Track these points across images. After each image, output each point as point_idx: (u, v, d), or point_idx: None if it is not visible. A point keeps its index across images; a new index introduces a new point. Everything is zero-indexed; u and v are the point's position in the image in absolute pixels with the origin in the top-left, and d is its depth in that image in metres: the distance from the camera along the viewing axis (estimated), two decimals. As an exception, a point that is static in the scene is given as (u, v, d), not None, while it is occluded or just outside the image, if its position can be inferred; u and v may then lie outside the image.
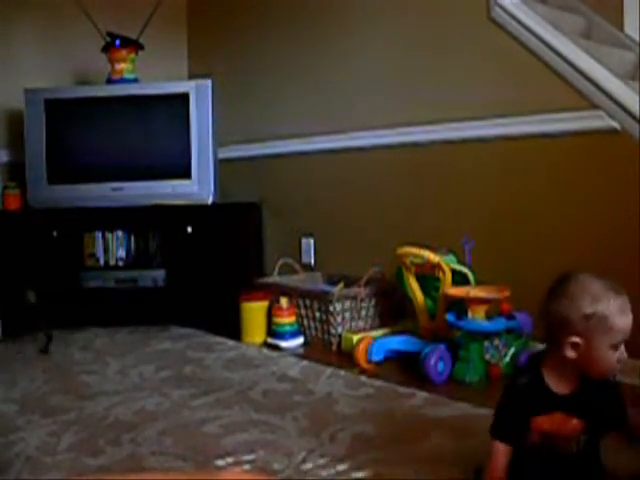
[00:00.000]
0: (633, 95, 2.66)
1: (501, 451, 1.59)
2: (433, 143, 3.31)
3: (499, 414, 1.61)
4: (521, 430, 1.57)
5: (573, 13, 3.38)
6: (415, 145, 3.39)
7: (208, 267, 3.84)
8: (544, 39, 2.86)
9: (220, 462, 1.91)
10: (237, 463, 1.90)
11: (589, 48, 2.84)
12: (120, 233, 3.91)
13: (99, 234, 3.90)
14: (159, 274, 3.83)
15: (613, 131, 2.70)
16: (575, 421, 1.53)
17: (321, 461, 1.90)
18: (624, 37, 3.39)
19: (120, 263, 3.91)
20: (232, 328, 3.46)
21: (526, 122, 2.94)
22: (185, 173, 3.87)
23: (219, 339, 3.43)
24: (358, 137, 3.66)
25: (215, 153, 3.92)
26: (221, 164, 4.07)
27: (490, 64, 3.09)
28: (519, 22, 2.94)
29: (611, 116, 2.70)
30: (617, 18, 3.43)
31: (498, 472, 1.58)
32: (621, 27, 3.43)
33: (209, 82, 3.86)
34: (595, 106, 2.74)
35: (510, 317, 2.72)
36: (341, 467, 1.86)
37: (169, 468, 1.88)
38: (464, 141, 3.18)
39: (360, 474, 1.82)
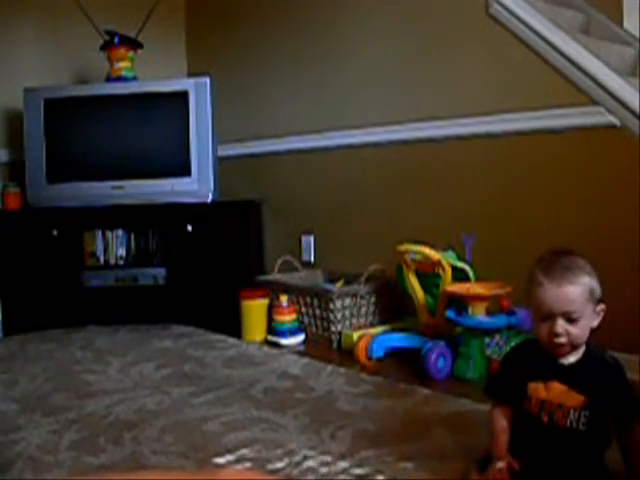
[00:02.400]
0: (632, 91, 2.66)
1: (499, 416, 1.64)
2: (433, 140, 3.31)
3: (494, 373, 1.66)
4: (515, 390, 1.61)
5: (572, 9, 3.37)
6: (416, 142, 3.39)
7: (208, 265, 3.84)
8: (543, 35, 2.85)
9: (221, 460, 1.91)
10: (238, 461, 1.90)
11: (588, 44, 2.84)
12: (120, 232, 3.91)
13: (99, 233, 3.90)
14: (159, 272, 3.83)
15: (612, 127, 2.70)
16: (574, 393, 1.55)
17: (322, 459, 1.90)
18: (623, 33, 3.38)
19: (120, 262, 3.91)
20: (232, 326, 3.47)
21: (526, 118, 2.94)
22: (185, 171, 3.86)
23: (219, 337, 3.43)
24: (358, 134, 3.65)
25: (215, 151, 3.92)
26: (221, 162, 4.07)
27: (489, 60, 3.08)
28: (518, 18, 2.94)
29: (610, 112, 2.69)
30: (616, 14, 3.42)
31: (501, 440, 1.62)
32: (620, 23, 3.42)
33: (208, 80, 3.86)
34: (594, 102, 2.74)
35: (510, 313, 2.72)
36: (342, 464, 1.86)
37: (170, 466, 1.88)
38: (464, 137, 3.18)
39: (361, 471, 1.82)
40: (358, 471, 1.82)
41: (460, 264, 2.90)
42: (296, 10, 3.99)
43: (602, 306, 1.56)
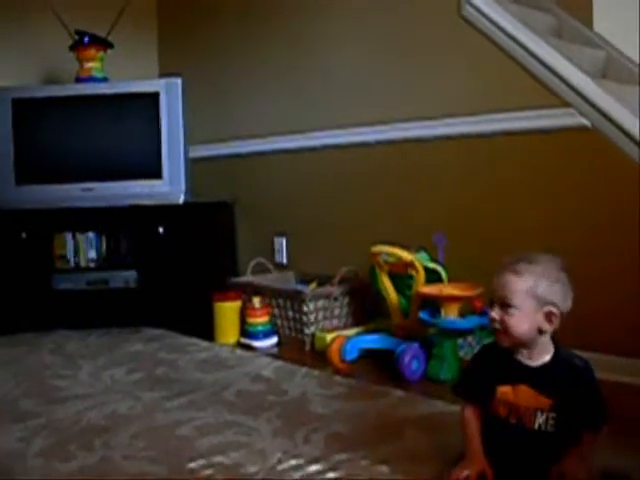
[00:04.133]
0: (604, 93, 2.68)
1: (471, 417, 1.66)
2: (405, 141, 3.31)
3: (463, 372, 1.69)
4: (483, 391, 1.62)
5: (543, 12, 3.39)
6: (387, 143, 3.39)
7: (180, 267, 3.81)
8: (515, 37, 2.86)
9: (193, 465, 1.88)
10: (210, 466, 1.88)
11: (560, 47, 2.85)
12: (91, 234, 3.86)
13: (69, 235, 3.84)
14: (130, 275, 3.78)
15: (584, 129, 2.72)
16: (542, 396, 1.56)
17: (295, 462, 1.88)
18: (594, 36, 3.41)
19: (91, 264, 3.86)
20: (205, 329, 3.44)
21: (498, 120, 2.95)
22: (156, 173, 3.83)
23: (192, 340, 3.40)
24: (330, 136, 3.65)
25: (186, 152, 3.89)
26: (193, 163, 4.05)
27: (461, 62, 3.09)
28: (490, 20, 2.95)
29: (582, 114, 2.71)
30: (587, 17, 3.44)
31: (475, 444, 1.64)
32: (591, 26, 3.44)
33: (179, 81, 3.83)
34: (566, 104, 2.75)
35: (483, 314, 2.71)
36: (315, 468, 1.84)
37: (142, 473, 1.85)
38: (436, 138, 3.19)
39: (334, 475, 1.80)
40: (332, 475, 1.80)
41: (433, 265, 2.90)
42: (269, 13, 3.98)
43: (553, 311, 1.54)
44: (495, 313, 1.57)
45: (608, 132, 2.65)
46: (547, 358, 1.60)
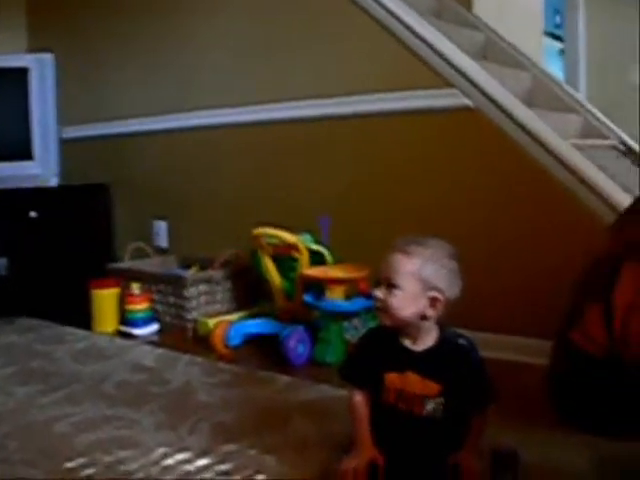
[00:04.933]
0: (485, 74, 2.72)
1: (360, 403, 1.63)
2: (286, 121, 3.27)
3: (348, 356, 1.74)
4: (370, 377, 1.60)
5: (422, -8, 3.41)
6: (269, 123, 3.34)
7: (55, 253, 3.64)
8: (399, 17, 2.86)
9: (72, 464, 1.78)
10: (90, 464, 1.78)
11: (441, 27, 2.87)
12: (-45, 219, 3.64)
13: None
14: (0, 263, 3.58)
15: (466, 109, 2.75)
16: (429, 382, 1.55)
17: (181, 456, 1.82)
18: (473, 18, 3.46)
19: (-44, 251, 3.64)
20: (82, 317, 3.29)
21: (382, 99, 2.95)
22: (26, 154, 3.65)
23: (69, 329, 3.25)
24: (210, 115, 3.56)
25: (59, 132, 3.72)
26: (66, 144, 3.87)
27: (346, 41, 3.07)
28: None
29: (465, 94, 2.74)
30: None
31: (363, 431, 1.61)
32: (470, 9, 3.50)
33: (50, 57, 3.65)
34: (449, 84, 2.78)
35: (368, 296, 2.71)
36: (203, 461, 1.79)
37: (15, 477, 1.73)
38: (319, 118, 3.16)
39: (223, 467, 1.75)
40: (220, 467, 1.75)
41: (317, 247, 2.88)
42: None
43: (437, 296, 1.53)
44: (379, 292, 1.55)
45: (490, 112, 2.70)
46: (432, 342, 1.59)
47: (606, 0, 5.46)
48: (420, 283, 1.52)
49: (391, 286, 1.53)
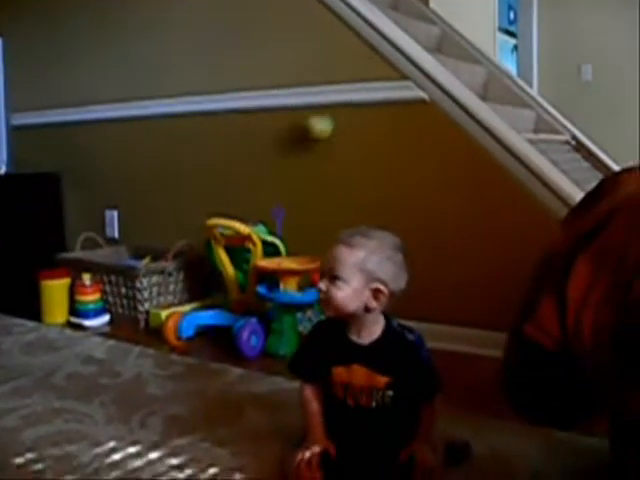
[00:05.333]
0: (440, 67, 2.73)
1: (310, 397, 1.63)
2: (242, 111, 3.24)
3: (297, 350, 1.74)
4: (319, 370, 1.60)
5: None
6: (224, 113, 3.31)
7: (4, 243, 3.56)
8: (356, 9, 2.86)
9: (20, 460, 1.75)
10: (40, 459, 1.74)
11: (397, 20, 2.87)
12: None
13: None
14: (-54, 252, 3.50)
15: (421, 101, 2.76)
16: (376, 375, 1.55)
17: (132, 450, 1.80)
18: (429, 12, 3.47)
19: None
20: (32, 308, 3.23)
21: (336, 91, 2.95)
22: (-27, 141, 3.56)
23: (17, 321, 3.18)
24: (163, 104, 3.52)
25: (7, 119, 3.63)
26: (15, 131, 3.78)
27: (302, 32, 3.06)
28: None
29: (420, 87, 2.75)
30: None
31: (315, 424, 1.61)
32: (426, 2, 3.51)
33: (0, 41, 3.55)
34: (404, 76, 2.78)
35: (322, 288, 2.71)
36: (154, 455, 1.76)
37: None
38: (274, 109, 3.15)
39: (175, 461, 1.73)
40: (172, 461, 1.73)
41: (271, 238, 2.87)
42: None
43: (381, 288, 1.52)
44: (322, 284, 1.54)
45: (445, 105, 2.71)
46: (377, 335, 1.58)
47: (559, -3, 5.54)
48: (363, 275, 1.51)
49: (334, 278, 1.52)
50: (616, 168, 3.36)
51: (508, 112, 3.10)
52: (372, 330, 1.58)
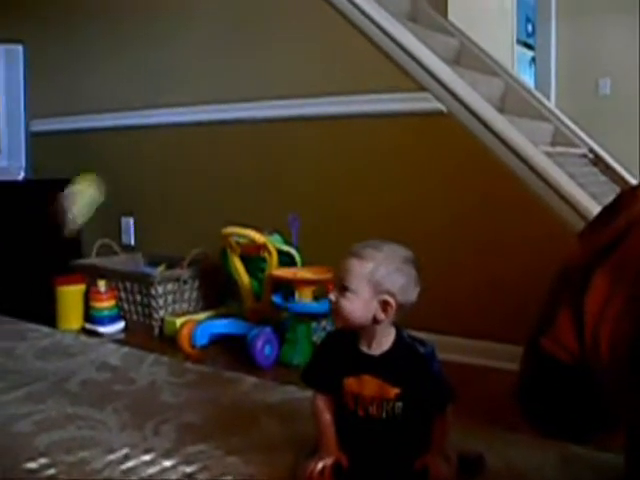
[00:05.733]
0: (458, 79, 2.72)
1: (323, 408, 1.63)
2: (258, 121, 3.25)
3: (310, 361, 1.73)
4: (330, 381, 1.60)
5: (399, -4, 3.42)
6: (240, 122, 3.32)
7: (20, 249, 3.58)
8: (374, 20, 2.86)
9: (32, 465, 1.75)
10: (51, 465, 1.75)
11: (416, 32, 2.87)
12: None
13: None
14: (-36, 257, 3.52)
15: (439, 113, 2.76)
16: (386, 385, 1.55)
17: (145, 457, 1.79)
18: (447, 24, 3.47)
19: None
20: (47, 314, 3.24)
21: (354, 102, 2.95)
22: (-8, 147, 3.59)
23: (32, 326, 3.18)
24: (180, 113, 3.53)
25: (27, 125, 3.66)
26: (35, 138, 3.81)
27: (319, 43, 3.06)
28: (348, 0, 2.92)
29: (437, 98, 2.75)
30: (441, 5, 3.50)
31: (328, 435, 1.61)
32: (445, 14, 3.51)
33: (20, 48, 3.59)
34: (422, 88, 2.78)
35: (337, 298, 2.71)
36: (167, 463, 1.76)
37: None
38: (290, 119, 3.15)
39: (189, 469, 1.73)
40: (186, 469, 1.73)
41: (286, 248, 2.87)
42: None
43: (389, 300, 1.52)
44: (333, 295, 1.56)
45: (462, 117, 2.70)
46: (388, 346, 1.58)
47: (578, 10, 5.51)
48: (371, 286, 1.51)
49: (344, 289, 1.53)
50: (634, 182, 3.35)
51: (525, 125, 3.10)
52: (382, 341, 1.58)
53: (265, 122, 3.24)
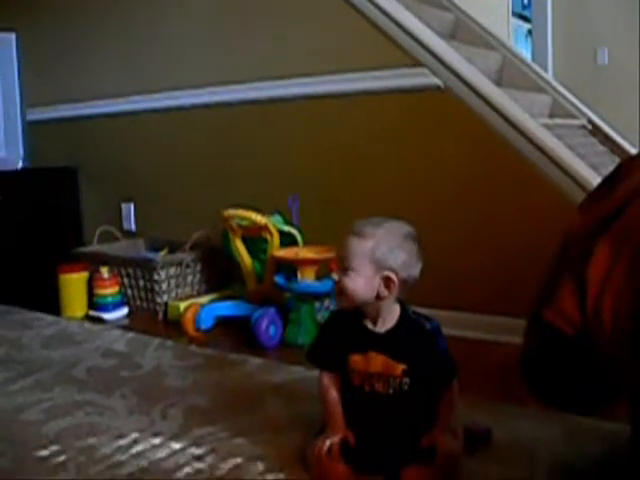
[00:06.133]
0: (454, 53, 2.71)
1: (329, 386, 1.63)
2: (257, 102, 3.24)
3: (314, 339, 1.72)
4: (336, 359, 1.60)
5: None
6: (239, 104, 3.31)
7: (21, 238, 3.59)
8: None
9: (43, 452, 1.76)
10: (61, 452, 1.76)
11: (411, 6, 2.86)
12: None
13: None
14: (-35, 247, 3.53)
15: (436, 88, 2.75)
16: (392, 362, 1.55)
17: (154, 441, 1.80)
18: (442, -2, 3.46)
19: None
20: (51, 302, 3.25)
21: (351, 79, 2.94)
22: (-11, 136, 3.58)
23: (37, 315, 3.20)
24: (177, 96, 3.52)
25: (23, 114, 3.65)
26: (32, 126, 3.80)
27: (313, 20, 3.05)
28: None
29: (434, 73, 2.73)
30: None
31: (335, 413, 1.61)
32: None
33: (13, 36, 3.57)
34: (419, 63, 2.77)
35: (339, 277, 2.71)
36: (176, 445, 1.77)
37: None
38: (289, 99, 3.14)
39: (197, 451, 1.73)
40: (194, 451, 1.74)
41: (287, 228, 2.87)
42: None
43: (391, 277, 1.52)
44: (335, 274, 1.56)
45: (460, 92, 2.69)
46: (393, 323, 1.58)
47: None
48: (373, 264, 1.51)
49: (346, 268, 1.53)
50: (633, 151, 3.34)
51: (523, 97, 3.09)
52: (387, 318, 1.58)
53: (264, 102, 3.22)
